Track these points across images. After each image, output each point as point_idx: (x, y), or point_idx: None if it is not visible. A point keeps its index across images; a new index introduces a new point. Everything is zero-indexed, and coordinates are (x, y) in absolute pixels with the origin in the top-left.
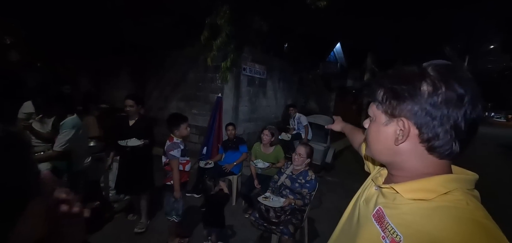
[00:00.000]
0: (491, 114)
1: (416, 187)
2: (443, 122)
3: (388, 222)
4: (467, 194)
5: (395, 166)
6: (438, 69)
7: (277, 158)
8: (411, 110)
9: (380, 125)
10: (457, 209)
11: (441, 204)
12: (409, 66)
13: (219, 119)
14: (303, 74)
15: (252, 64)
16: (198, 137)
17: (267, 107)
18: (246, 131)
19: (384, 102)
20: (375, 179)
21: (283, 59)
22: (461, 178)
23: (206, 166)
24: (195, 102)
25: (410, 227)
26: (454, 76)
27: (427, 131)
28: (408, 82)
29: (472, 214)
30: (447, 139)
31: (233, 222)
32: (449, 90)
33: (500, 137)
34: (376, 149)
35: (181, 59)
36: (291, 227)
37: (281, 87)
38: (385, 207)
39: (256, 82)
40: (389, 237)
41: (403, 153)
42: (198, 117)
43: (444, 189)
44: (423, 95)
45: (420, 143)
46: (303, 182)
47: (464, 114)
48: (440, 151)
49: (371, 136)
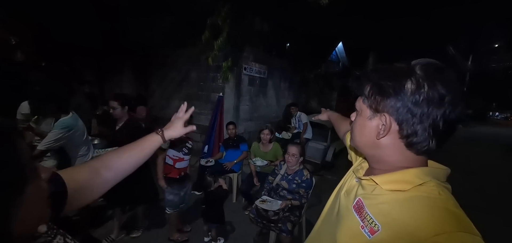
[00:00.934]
0: (496, 114)
1: (393, 179)
2: (423, 120)
3: (367, 212)
4: (439, 185)
5: (375, 159)
6: (425, 68)
7: (275, 155)
8: (394, 107)
9: (365, 119)
10: (430, 199)
11: (416, 194)
12: (400, 63)
13: (220, 118)
14: (305, 74)
15: (253, 63)
16: (199, 135)
17: (268, 107)
18: (247, 130)
19: (369, 97)
20: (356, 171)
21: (285, 59)
22: (434, 171)
23: (206, 164)
24: (197, 101)
25: (388, 216)
26: (439, 77)
27: (407, 128)
28: (393, 79)
29: (444, 203)
30: (425, 136)
31: (233, 219)
32: (431, 90)
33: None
34: (359, 141)
35: (183, 59)
36: (289, 224)
37: (282, 87)
38: (364, 198)
39: (257, 81)
40: (368, 226)
41: (384, 147)
42: (199, 116)
43: (419, 181)
44: (406, 93)
45: (400, 138)
46: (300, 182)
47: (443, 113)
48: (417, 147)
49: (356, 129)
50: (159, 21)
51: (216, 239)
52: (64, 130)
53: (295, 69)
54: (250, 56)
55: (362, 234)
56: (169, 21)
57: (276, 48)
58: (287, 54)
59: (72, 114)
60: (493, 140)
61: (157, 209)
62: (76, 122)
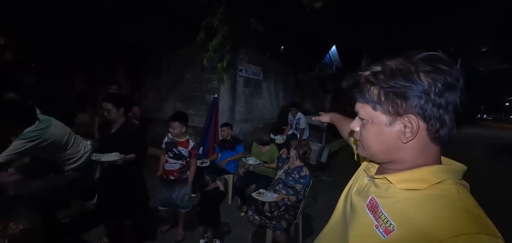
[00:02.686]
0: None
1: (408, 177)
2: (448, 108)
3: (382, 211)
4: (457, 184)
5: (394, 161)
6: (427, 59)
7: (271, 157)
8: (418, 105)
9: (382, 126)
10: (448, 198)
11: (432, 193)
12: (393, 60)
13: (215, 120)
14: (299, 76)
15: (248, 65)
16: (194, 137)
17: (263, 108)
18: (242, 132)
19: (383, 102)
20: (367, 170)
21: (279, 61)
22: (451, 169)
23: (201, 165)
24: (192, 102)
25: (403, 216)
26: (441, 62)
27: (435, 122)
28: (406, 78)
29: (463, 203)
30: (451, 124)
31: (228, 220)
32: (446, 76)
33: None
34: (377, 151)
35: (178, 60)
36: (284, 222)
37: (277, 88)
38: (378, 197)
39: (252, 83)
40: (383, 226)
41: (408, 148)
42: (194, 117)
43: (436, 179)
44: (426, 88)
45: (427, 135)
46: (297, 177)
47: (460, 96)
48: (444, 138)
49: (370, 139)
50: (154, 22)
51: (212, 240)
52: (27, 140)
53: (290, 71)
54: (245, 57)
55: (376, 234)
56: (164, 22)
57: (271, 50)
58: (282, 56)
59: (39, 123)
60: (482, 142)
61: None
62: (45, 132)
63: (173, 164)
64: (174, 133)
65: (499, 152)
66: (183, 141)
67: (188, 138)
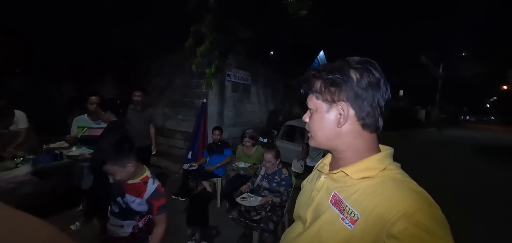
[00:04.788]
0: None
1: (361, 168)
2: (370, 101)
3: (345, 204)
4: (397, 167)
5: (338, 149)
6: (359, 61)
7: (259, 158)
8: (347, 94)
9: (323, 113)
10: (396, 181)
11: (383, 179)
12: (336, 61)
13: (204, 124)
14: (288, 81)
15: (236, 70)
16: (183, 142)
17: (252, 112)
18: (231, 136)
19: (323, 91)
20: (321, 168)
21: (268, 66)
22: (388, 154)
23: (190, 169)
24: (181, 108)
25: (363, 203)
26: (371, 66)
27: (361, 111)
28: (341, 72)
29: (408, 184)
30: (375, 115)
31: (217, 222)
32: (371, 76)
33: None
34: (321, 137)
35: (167, 66)
36: (272, 224)
37: (266, 93)
38: (339, 191)
39: (241, 88)
40: (348, 217)
41: (345, 134)
42: (183, 122)
43: (382, 166)
44: (354, 81)
45: (357, 121)
46: (279, 181)
47: (382, 94)
48: (371, 126)
49: (315, 126)
50: (143, 28)
51: (200, 242)
52: None
53: (278, 76)
54: (234, 63)
55: (344, 226)
56: (153, 28)
57: (260, 55)
58: (270, 61)
59: None
60: (465, 142)
61: None
62: None
63: (119, 228)
64: (115, 173)
65: (478, 152)
66: (136, 182)
67: (147, 176)
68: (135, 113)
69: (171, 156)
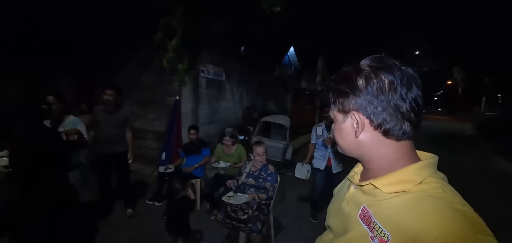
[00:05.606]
0: None
1: (393, 180)
2: (385, 107)
3: (375, 221)
4: (439, 180)
5: (365, 158)
6: (369, 64)
7: (239, 157)
8: (356, 103)
9: (340, 123)
10: (435, 198)
11: (419, 195)
12: (348, 66)
13: (178, 123)
14: (262, 77)
15: (210, 66)
16: (155, 142)
17: (227, 109)
18: (207, 134)
19: (336, 102)
20: (352, 178)
21: (242, 62)
22: (428, 163)
23: (166, 171)
24: (151, 106)
25: (395, 224)
26: (381, 67)
27: (376, 118)
28: (347, 80)
29: (450, 203)
30: (395, 121)
31: (198, 226)
32: (379, 80)
33: None
34: (343, 145)
35: (134, 61)
36: (259, 224)
37: (241, 89)
38: (369, 205)
39: (215, 84)
40: (377, 236)
41: (365, 144)
42: (155, 121)
43: (419, 178)
44: (361, 88)
45: (375, 130)
46: (265, 176)
47: (400, 96)
48: (394, 133)
49: (337, 136)
50: (107, 19)
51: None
52: None
53: (252, 72)
54: (208, 58)
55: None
56: (118, 20)
57: (233, 51)
58: (244, 57)
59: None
60: None
61: None
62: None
63: None
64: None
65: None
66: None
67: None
68: (106, 115)
69: (143, 158)
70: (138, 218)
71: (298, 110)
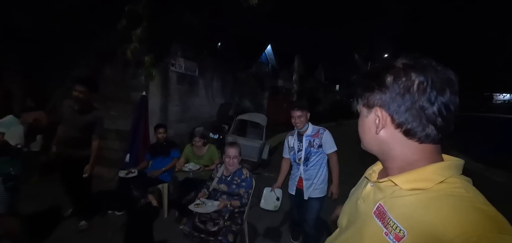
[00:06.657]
0: None
1: (413, 178)
2: (409, 107)
3: (390, 217)
4: (463, 181)
5: (385, 156)
6: (403, 62)
7: (211, 159)
8: (381, 99)
9: (364, 117)
10: (456, 197)
11: (440, 193)
12: (382, 61)
13: (144, 121)
14: (237, 74)
15: (181, 60)
16: (119, 143)
17: (201, 106)
18: (177, 133)
19: (362, 96)
20: (369, 175)
21: (216, 58)
22: (452, 165)
23: (127, 176)
24: (114, 102)
25: (412, 220)
26: (413, 67)
27: (398, 117)
28: (376, 76)
29: (472, 202)
30: (418, 123)
31: (165, 236)
32: (408, 79)
33: None
34: (365, 140)
35: (94, 52)
36: (231, 236)
37: (215, 86)
38: (385, 202)
39: (187, 79)
40: (392, 233)
41: (386, 141)
42: (118, 120)
43: (440, 177)
44: (388, 86)
45: (396, 129)
46: (239, 182)
47: (428, 98)
48: (416, 135)
49: (360, 129)
50: (62, 3)
51: None
52: None
53: (228, 69)
54: (179, 51)
55: (387, 242)
56: (75, 4)
57: (208, 46)
58: (219, 53)
59: None
60: None
61: None
62: None
63: None
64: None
65: None
66: None
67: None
68: (72, 114)
69: (104, 160)
70: (93, 231)
71: (275, 108)
